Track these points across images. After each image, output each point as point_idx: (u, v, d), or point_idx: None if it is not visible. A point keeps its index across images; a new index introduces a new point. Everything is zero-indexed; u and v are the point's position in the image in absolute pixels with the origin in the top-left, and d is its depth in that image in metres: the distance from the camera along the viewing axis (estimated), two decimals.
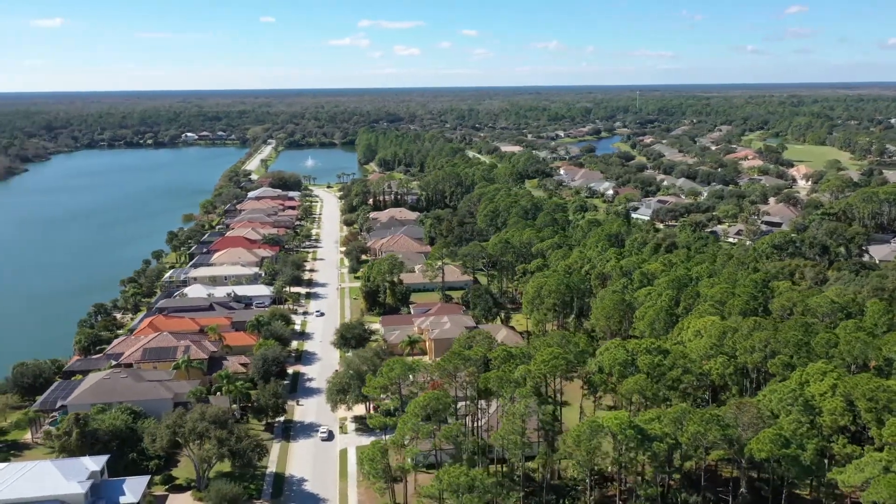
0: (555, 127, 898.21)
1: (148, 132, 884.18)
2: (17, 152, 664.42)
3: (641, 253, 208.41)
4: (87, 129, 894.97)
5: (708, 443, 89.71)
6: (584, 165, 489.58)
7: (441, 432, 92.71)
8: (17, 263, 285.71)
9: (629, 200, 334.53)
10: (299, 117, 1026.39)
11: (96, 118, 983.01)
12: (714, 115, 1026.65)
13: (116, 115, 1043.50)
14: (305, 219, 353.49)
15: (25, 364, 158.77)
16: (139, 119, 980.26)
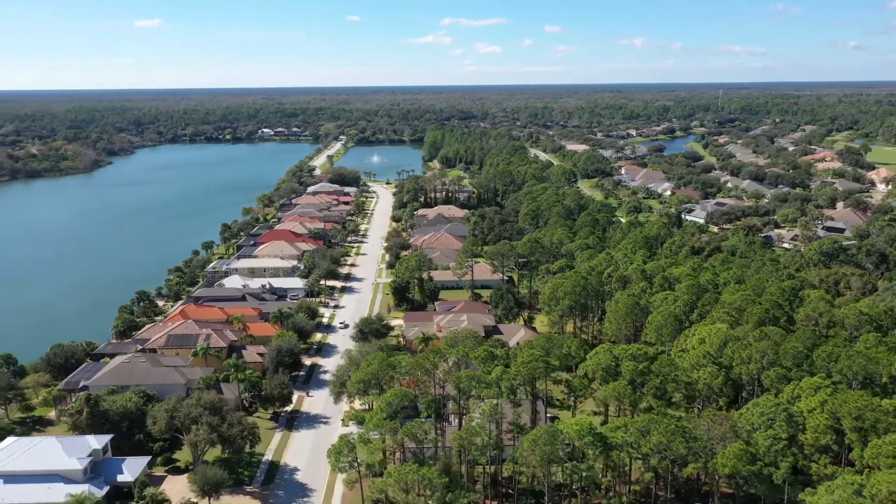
0: (627, 126, 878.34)
1: (227, 128, 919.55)
2: (105, 146, 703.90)
3: (676, 256, 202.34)
4: (171, 124, 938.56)
5: (672, 454, 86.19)
6: (648, 165, 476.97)
7: (402, 430, 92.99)
8: (81, 252, 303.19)
9: (682, 202, 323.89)
10: (372, 114, 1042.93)
11: (181, 114, 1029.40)
12: (800, 115, 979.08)
13: (200, 111, 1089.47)
14: (357, 214, 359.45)
15: (62, 345, 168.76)
16: (220, 115, 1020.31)
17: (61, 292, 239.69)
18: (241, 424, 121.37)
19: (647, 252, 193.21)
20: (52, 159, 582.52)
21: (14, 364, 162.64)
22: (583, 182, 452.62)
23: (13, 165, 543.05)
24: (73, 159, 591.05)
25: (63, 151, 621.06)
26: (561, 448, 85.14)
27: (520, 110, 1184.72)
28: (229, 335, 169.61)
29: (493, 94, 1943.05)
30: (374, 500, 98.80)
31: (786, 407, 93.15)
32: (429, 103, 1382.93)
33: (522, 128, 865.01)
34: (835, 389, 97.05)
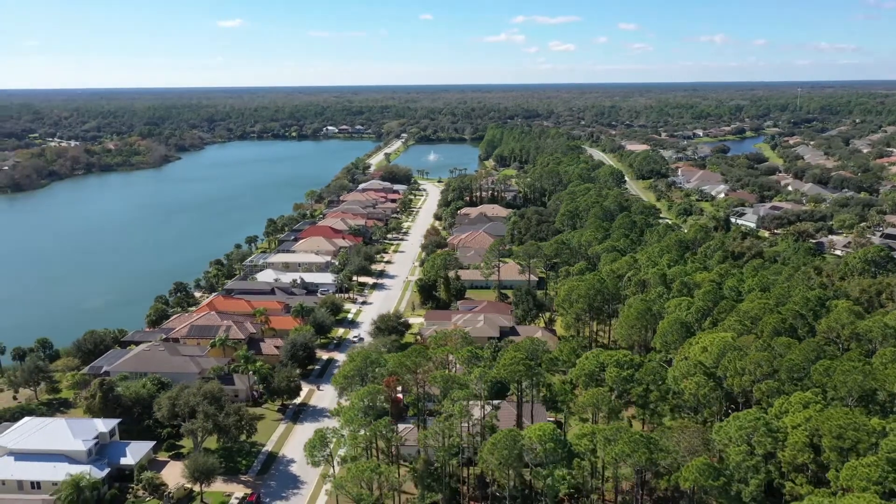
0: (694, 126, 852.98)
1: (294, 125, 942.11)
2: (176, 142, 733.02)
3: (708, 261, 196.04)
4: (242, 121, 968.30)
5: (635, 465, 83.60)
6: (706, 167, 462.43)
7: (370, 427, 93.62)
8: (134, 244, 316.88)
9: (734, 205, 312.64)
10: (436, 113, 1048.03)
11: (251, 112, 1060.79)
12: (885, 115, 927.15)
13: (270, 108, 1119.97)
14: (403, 212, 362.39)
15: (94, 332, 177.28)
16: (289, 113, 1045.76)
17: (109, 282, 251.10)
18: (237, 415, 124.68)
19: (674, 256, 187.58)
20: (125, 154, 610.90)
21: (50, 348, 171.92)
22: (637, 183, 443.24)
23: (88, 160, 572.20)
24: (144, 154, 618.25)
25: (136, 147, 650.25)
26: (527, 452, 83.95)
27: (586, 109, 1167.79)
28: (249, 327, 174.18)
29: (563, 93, 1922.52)
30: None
31: (767, 421, 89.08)
32: (495, 102, 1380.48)
33: (585, 127, 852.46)
34: (825, 406, 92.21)
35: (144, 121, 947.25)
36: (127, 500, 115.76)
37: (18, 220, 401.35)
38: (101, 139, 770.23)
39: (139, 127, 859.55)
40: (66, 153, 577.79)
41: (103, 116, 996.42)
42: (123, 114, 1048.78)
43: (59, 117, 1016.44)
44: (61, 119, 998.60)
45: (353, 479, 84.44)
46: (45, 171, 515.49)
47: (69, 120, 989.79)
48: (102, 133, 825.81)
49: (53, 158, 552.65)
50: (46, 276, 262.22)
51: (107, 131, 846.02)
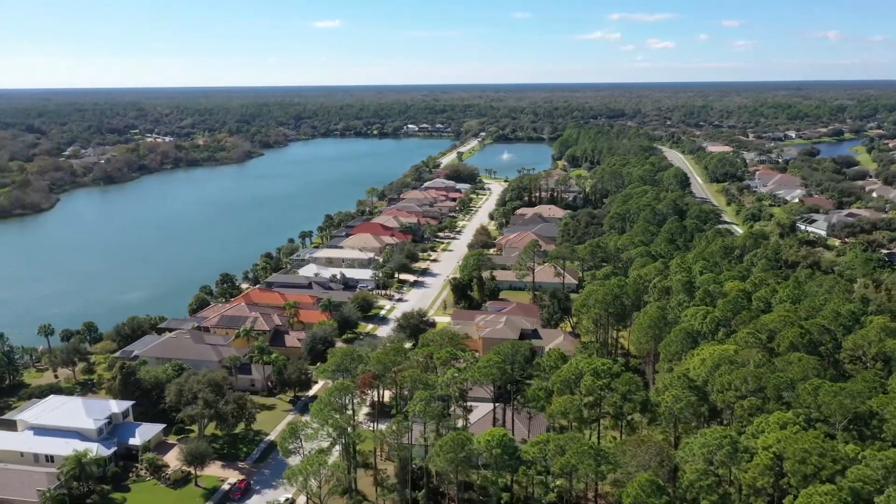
0: (787, 126, 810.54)
1: (376, 123, 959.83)
2: (262, 139, 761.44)
3: (752, 270, 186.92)
4: (327, 119, 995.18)
5: (583, 476, 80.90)
6: (787, 170, 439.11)
7: (329, 423, 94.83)
8: (201, 236, 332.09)
9: (805, 211, 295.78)
10: (518, 112, 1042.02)
11: (337, 110, 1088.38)
12: None
13: (356, 107, 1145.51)
14: (462, 211, 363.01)
15: (136, 318, 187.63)
16: (373, 111, 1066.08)
17: (169, 271, 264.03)
18: (236, 403, 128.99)
19: (711, 263, 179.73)
20: (212, 150, 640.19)
21: (95, 331, 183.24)
22: (710, 186, 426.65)
23: (177, 155, 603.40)
24: (228, 151, 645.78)
25: (223, 143, 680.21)
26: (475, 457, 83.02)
27: (675, 109, 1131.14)
28: (275, 319, 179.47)
29: (655, 92, 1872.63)
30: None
31: (735, 440, 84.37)
32: (582, 101, 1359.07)
33: (670, 127, 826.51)
34: (804, 428, 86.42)
35: (236, 118, 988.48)
36: (129, 479, 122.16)
37: (103, 210, 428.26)
38: (194, 135, 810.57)
39: (230, 124, 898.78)
40: (158, 148, 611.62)
41: (199, 114, 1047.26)
42: (218, 111, 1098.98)
43: (160, 114, 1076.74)
44: (162, 116, 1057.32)
45: (298, 471, 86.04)
46: (136, 165, 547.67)
47: (169, 117, 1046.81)
48: (196, 130, 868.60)
49: (145, 153, 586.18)
50: (113, 264, 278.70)
51: (200, 128, 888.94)
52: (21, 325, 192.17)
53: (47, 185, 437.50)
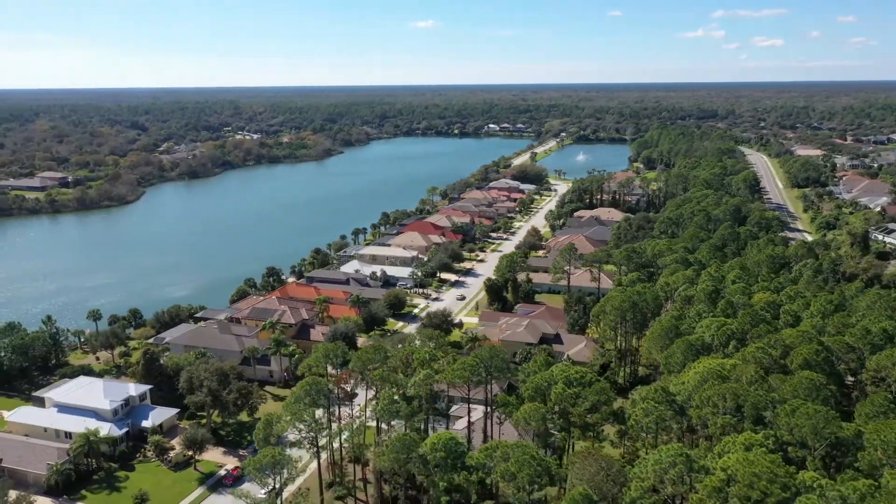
0: (894, 129, 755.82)
1: (458, 123, 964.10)
2: (344, 137, 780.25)
3: (796, 281, 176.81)
4: (411, 118, 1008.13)
5: (519, 485, 78.79)
6: (878, 176, 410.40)
7: (292, 417, 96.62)
8: (264, 231, 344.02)
9: (876, 221, 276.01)
10: (603, 112, 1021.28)
11: (421, 109, 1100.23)
12: None
13: (440, 106, 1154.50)
14: (521, 211, 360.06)
15: (179, 307, 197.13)
16: (456, 111, 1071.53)
17: (226, 263, 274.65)
18: (239, 393, 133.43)
19: (745, 272, 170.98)
20: (293, 147, 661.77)
21: (139, 318, 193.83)
22: (790, 191, 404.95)
23: (259, 151, 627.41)
24: (309, 148, 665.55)
25: (305, 141, 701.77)
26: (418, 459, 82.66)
27: (772, 110, 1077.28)
28: (303, 313, 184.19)
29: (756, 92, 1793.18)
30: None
31: (692, 459, 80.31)
32: (676, 101, 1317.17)
33: (762, 129, 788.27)
34: (772, 450, 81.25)
35: (324, 117, 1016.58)
36: (136, 459, 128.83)
37: (181, 204, 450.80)
38: (281, 133, 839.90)
39: (317, 122, 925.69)
40: (242, 145, 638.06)
41: (290, 112, 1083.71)
42: (308, 110, 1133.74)
43: (254, 112, 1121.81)
44: (255, 114, 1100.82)
45: (255, 463, 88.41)
46: (219, 161, 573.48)
47: (262, 115, 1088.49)
48: (284, 128, 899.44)
49: (230, 150, 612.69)
50: (177, 254, 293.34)
51: (288, 126, 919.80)
52: (79, 309, 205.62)
53: (136, 179, 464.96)
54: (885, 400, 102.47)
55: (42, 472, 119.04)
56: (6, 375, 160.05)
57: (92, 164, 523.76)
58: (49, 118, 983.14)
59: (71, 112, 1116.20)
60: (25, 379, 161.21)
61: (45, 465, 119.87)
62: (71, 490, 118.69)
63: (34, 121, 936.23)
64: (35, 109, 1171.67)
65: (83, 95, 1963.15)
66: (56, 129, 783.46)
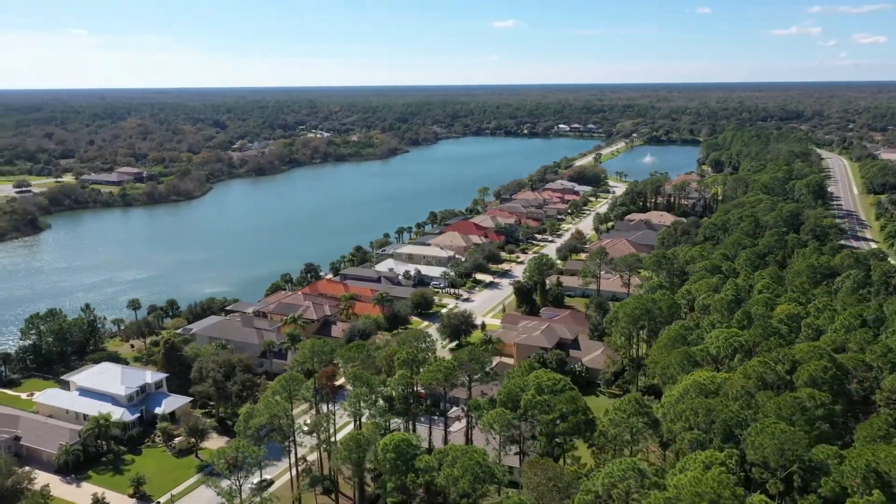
0: None
1: (527, 122, 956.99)
2: (411, 136, 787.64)
3: (836, 293, 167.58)
4: (480, 118, 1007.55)
5: (460, 490, 77.71)
6: None
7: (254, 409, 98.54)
8: (316, 228, 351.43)
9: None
10: (679, 112, 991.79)
11: (493, 109, 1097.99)
12: None
13: (512, 106, 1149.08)
14: (573, 213, 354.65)
15: (213, 299, 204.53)
16: (528, 111, 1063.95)
17: (273, 258, 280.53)
18: (242, 385, 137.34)
19: (775, 282, 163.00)
20: (359, 146, 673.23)
21: (176, 308, 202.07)
22: (866, 198, 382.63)
23: (326, 150, 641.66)
24: (375, 147, 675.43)
25: (373, 140, 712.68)
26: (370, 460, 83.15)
27: (865, 111, 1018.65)
28: (326, 310, 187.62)
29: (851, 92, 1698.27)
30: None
31: (642, 475, 77.52)
32: (761, 101, 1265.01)
33: (849, 131, 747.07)
34: (731, 470, 77.50)
35: (396, 116, 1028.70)
36: (144, 444, 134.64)
37: (243, 199, 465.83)
38: (352, 132, 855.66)
39: (389, 121, 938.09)
40: (310, 143, 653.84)
41: (364, 111, 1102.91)
42: (382, 109, 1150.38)
43: (329, 111, 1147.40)
44: (331, 113, 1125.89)
45: (218, 454, 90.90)
46: (287, 158, 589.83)
47: (337, 114, 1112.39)
48: (355, 126, 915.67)
49: (298, 148, 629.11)
50: (229, 248, 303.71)
51: (360, 125, 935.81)
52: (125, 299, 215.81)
53: (204, 175, 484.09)
54: (884, 423, 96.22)
55: (55, 451, 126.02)
56: (45, 359, 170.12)
57: (167, 160, 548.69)
58: (140, 116, 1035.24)
59: (160, 110, 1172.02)
60: (63, 363, 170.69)
61: (57, 445, 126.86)
62: (80, 470, 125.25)
63: (126, 118, 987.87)
64: (128, 108, 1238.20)
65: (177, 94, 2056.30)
66: (142, 127, 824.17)
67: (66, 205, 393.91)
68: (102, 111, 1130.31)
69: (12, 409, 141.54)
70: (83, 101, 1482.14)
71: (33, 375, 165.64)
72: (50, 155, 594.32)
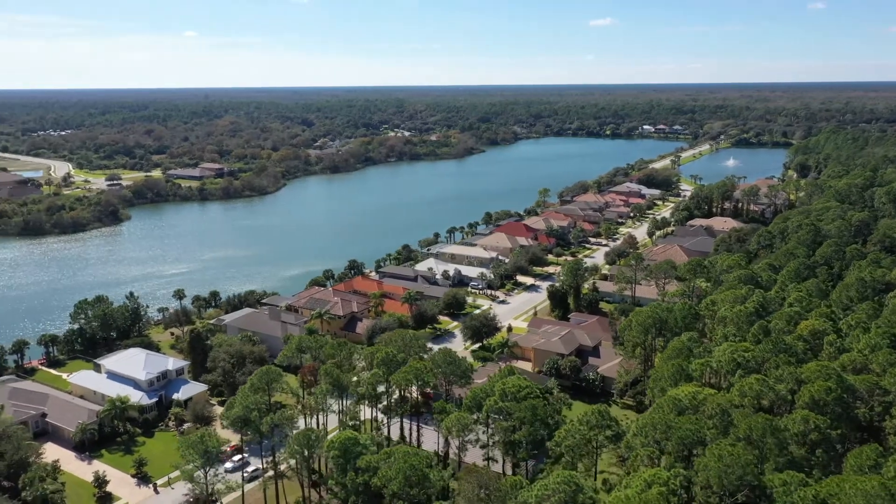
0: None
1: (611, 123, 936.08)
2: (490, 136, 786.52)
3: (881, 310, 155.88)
4: (563, 118, 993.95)
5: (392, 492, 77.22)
6: None
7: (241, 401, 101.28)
8: (377, 226, 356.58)
9: None
10: (775, 113, 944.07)
11: (577, 109, 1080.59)
12: None
13: (598, 106, 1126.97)
14: (635, 217, 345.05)
15: (253, 291, 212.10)
16: (613, 111, 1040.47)
17: (331, 254, 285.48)
18: (249, 376, 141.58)
19: (811, 296, 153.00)
20: (435, 145, 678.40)
21: (217, 299, 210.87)
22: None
23: (402, 149, 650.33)
24: (451, 146, 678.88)
25: (450, 139, 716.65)
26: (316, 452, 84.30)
27: None
28: (353, 306, 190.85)
29: None
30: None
31: (577, 489, 75.05)
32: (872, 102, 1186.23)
33: None
34: (672, 491, 73.88)
35: (479, 116, 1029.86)
36: (158, 427, 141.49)
37: (313, 196, 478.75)
38: (433, 131, 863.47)
39: (470, 121, 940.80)
40: (387, 142, 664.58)
41: (448, 111, 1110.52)
42: (466, 109, 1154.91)
43: (415, 111, 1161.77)
44: (416, 112, 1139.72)
45: (184, 441, 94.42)
46: (362, 157, 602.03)
47: (422, 113, 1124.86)
48: (436, 126, 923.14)
49: (375, 147, 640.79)
50: (289, 243, 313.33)
51: (442, 124, 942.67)
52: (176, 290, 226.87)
53: (280, 172, 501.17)
54: (874, 452, 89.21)
55: (73, 429, 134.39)
56: (91, 342, 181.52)
57: (248, 156, 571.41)
58: (235, 114, 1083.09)
59: (255, 109, 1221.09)
60: (106, 347, 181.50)
61: (76, 424, 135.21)
62: (94, 448, 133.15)
63: (222, 116, 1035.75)
64: (227, 106, 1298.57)
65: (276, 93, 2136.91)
66: (234, 125, 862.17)
67: (148, 198, 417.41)
68: (202, 109, 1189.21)
69: (45, 386, 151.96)
70: (188, 100, 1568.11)
71: (77, 357, 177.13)
72: (146, 150, 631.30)
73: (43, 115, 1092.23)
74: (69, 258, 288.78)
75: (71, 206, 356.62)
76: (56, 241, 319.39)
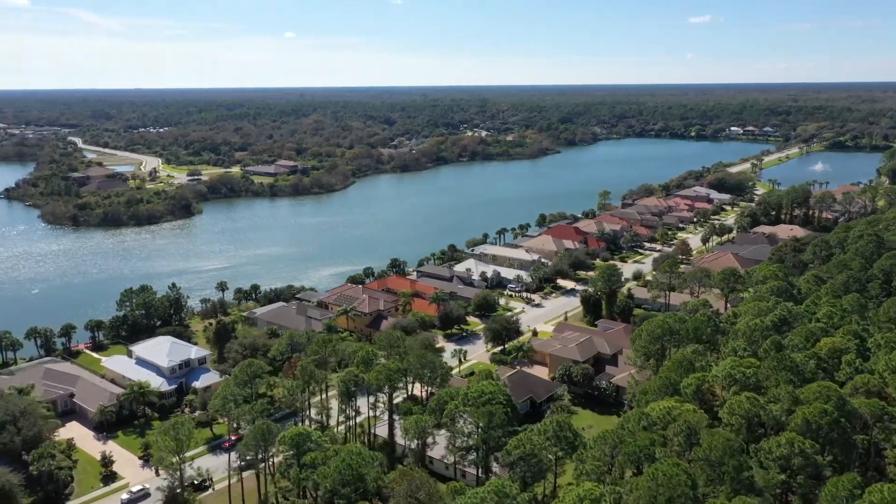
0: None
1: (697, 124, 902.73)
2: (567, 137, 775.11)
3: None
4: (646, 119, 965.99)
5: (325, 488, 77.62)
6: None
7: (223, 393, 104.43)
8: (436, 225, 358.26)
9: None
10: (879, 115, 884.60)
11: (665, 110, 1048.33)
12: None
13: (686, 106, 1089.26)
14: (696, 222, 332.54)
15: (291, 286, 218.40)
16: (701, 112, 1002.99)
17: (383, 251, 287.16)
18: (261, 368, 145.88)
19: (847, 312, 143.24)
20: (509, 146, 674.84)
21: (257, 292, 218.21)
22: None
23: (474, 148, 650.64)
24: (525, 147, 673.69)
25: (525, 139, 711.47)
26: None
27: None
28: (380, 304, 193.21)
29: None
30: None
31: (506, 498, 73.64)
32: None
33: None
34: None
35: (561, 116, 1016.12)
36: (174, 413, 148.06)
37: (378, 195, 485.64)
38: (511, 131, 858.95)
39: (550, 121, 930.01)
40: (460, 142, 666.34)
41: (529, 111, 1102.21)
42: (549, 108, 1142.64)
43: (497, 110, 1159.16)
44: (498, 112, 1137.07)
45: (161, 427, 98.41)
46: (434, 156, 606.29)
47: (504, 113, 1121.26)
48: (516, 126, 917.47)
49: (448, 146, 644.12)
50: (347, 238, 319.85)
51: (521, 124, 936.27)
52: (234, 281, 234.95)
53: (350, 170, 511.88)
54: (850, 482, 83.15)
55: (94, 409, 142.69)
56: (133, 329, 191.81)
57: (323, 154, 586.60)
58: (322, 113, 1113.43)
59: (342, 108, 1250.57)
60: (148, 334, 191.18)
61: (98, 405, 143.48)
62: (112, 429, 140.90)
63: (309, 115, 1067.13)
64: (315, 105, 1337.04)
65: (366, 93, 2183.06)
66: (317, 123, 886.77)
67: (222, 193, 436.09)
68: (291, 108, 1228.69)
69: (79, 368, 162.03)
70: (282, 99, 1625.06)
71: (119, 342, 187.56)
72: (231, 147, 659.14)
73: (146, 113, 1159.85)
74: (134, 249, 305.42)
75: (148, 200, 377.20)
76: (130, 232, 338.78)
